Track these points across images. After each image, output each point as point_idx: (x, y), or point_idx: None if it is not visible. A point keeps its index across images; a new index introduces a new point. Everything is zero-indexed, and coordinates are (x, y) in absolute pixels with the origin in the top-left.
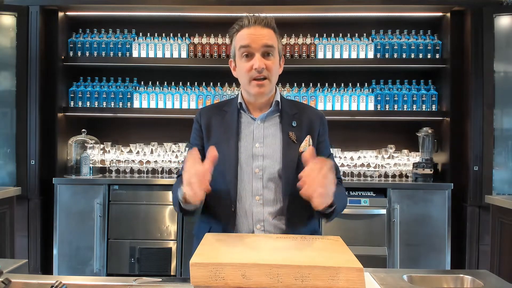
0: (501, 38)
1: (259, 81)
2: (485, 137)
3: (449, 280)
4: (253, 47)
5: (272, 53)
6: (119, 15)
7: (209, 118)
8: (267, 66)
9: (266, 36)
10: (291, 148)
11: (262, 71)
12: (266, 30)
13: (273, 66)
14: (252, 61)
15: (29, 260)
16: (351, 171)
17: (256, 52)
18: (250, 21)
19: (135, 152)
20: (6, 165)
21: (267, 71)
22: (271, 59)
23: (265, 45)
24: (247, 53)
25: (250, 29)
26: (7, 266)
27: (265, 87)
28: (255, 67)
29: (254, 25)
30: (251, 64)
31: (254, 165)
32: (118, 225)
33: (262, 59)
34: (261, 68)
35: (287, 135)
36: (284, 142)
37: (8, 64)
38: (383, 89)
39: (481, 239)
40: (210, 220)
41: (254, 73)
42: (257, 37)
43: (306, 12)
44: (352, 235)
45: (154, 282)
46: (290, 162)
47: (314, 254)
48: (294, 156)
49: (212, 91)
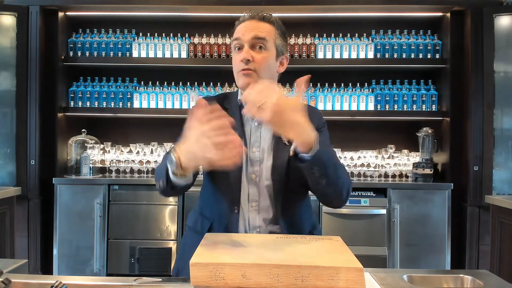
0: (501, 38)
1: (245, 71)
2: (485, 137)
3: (449, 280)
4: (243, 39)
5: (264, 47)
6: (119, 15)
7: None
8: (254, 59)
9: (258, 29)
10: (281, 150)
11: (248, 63)
12: (261, 24)
13: (262, 60)
14: (241, 53)
15: (29, 260)
16: (351, 171)
17: (245, 44)
18: (246, 16)
19: (135, 152)
20: (6, 165)
21: (254, 64)
22: (262, 53)
23: (255, 37)
24: (239, 46)
25: (246, 23)
26: (7, 266)
27: (251, 77)
28: (240, 58)
29: (250, 19)
30: (240, 56)
31: (250, 171)
32: (118, 225)
33: (250, 51)
34: (246, 60)
35: (279, 137)
36: (274, 143)
37: (8, 64)
38: (383, 89)
39: (481, 239)
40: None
41: (242, 65)
42: (248, 29)
43: (306, 12)
44: (352, 235)
45: (154, 282)
46: (280, 164)
47: (314, 254)
48: (284, 158)
49: (212, 91)
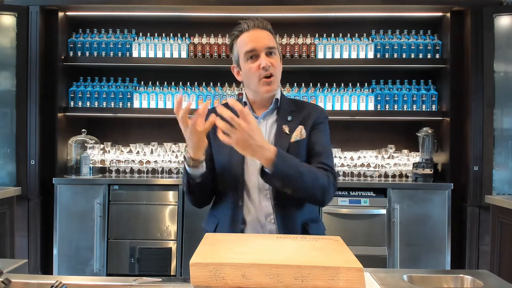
0: (501, 38)
1: (268, 78)
2: (485, 137)
3: (449, 280)
4: (257, 49)
5: (274, 53)
6: (119, 15)
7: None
8: (272, 64)
9: (267, 38)
10: (282, 138)
11: (269, 68)
12: (264, 32)
13: (277, 64)
14: (258, 61)
15: (29, 260)
16: (351, 171)
17: (261, 53)
18: (249, 26)
19: (135, 152)
20: (6, 165)
21: (273, 68)
22: (274, 58)
23: (268, 46)
24: (252, 56)
25: (250, 33)
26: (7, 266)
27: (274, 83)
28: (262, 65)
29: (253, 29)
30: (258, 64)
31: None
32: (118, 225)
33: (267, 58)
34: (268, 66)
35: (281, 128)
36: (276, 133)
37: (8, 64)
38: (383, 89)
39: (481, 239)
40: (218, 215)
41: (262, 72)
42: (259, 39)
43: (306, 12)
44: (352, 235)
45: (154, 282)
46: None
47: (314, 254)
48: (284, 145)
49: (212, 91)
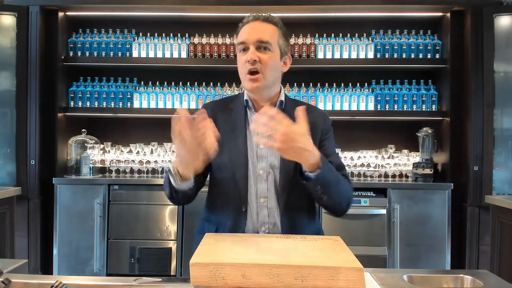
0: (501, 38)
1: (252, 75)
2: (485, 137)
3: (449, 280)
4: (247, 42)
5: (269, 48)
6: (119, 15)
7: (215, 114)
8: (261, 60)
9: (263, 31)
10: None
11: (255, 63)
12: (265, 25)
13: (268, 61)
14: (248, 54)
15: (29, 260)
16: (351, 171)
17: (251, 46)
18: (249, 18)
19: (135, 152)
20: (6, 165)
21: (260, 65)
22: (267, 54)
23: (259, 40)
24: (244, 48)
25: (249, 25)
26: (7, 266)
27: (259, 81)
28: (247, 59)
29: (254, 20)
30: (246, 57)
31: (259, 167)
32: (118, 225)
33: (256, 52)
34: (253, 60)
35: None
36: None
37: (8, 64)
38: (383, 89)
39: (481, 239)
40: (218, 220)
41: (248, 66)
42: (253, 31)
43: (306, 12)
44: (352, 235)
45: (154, 282)
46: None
47: (314, 254)
48: None
49: (212, 91)
